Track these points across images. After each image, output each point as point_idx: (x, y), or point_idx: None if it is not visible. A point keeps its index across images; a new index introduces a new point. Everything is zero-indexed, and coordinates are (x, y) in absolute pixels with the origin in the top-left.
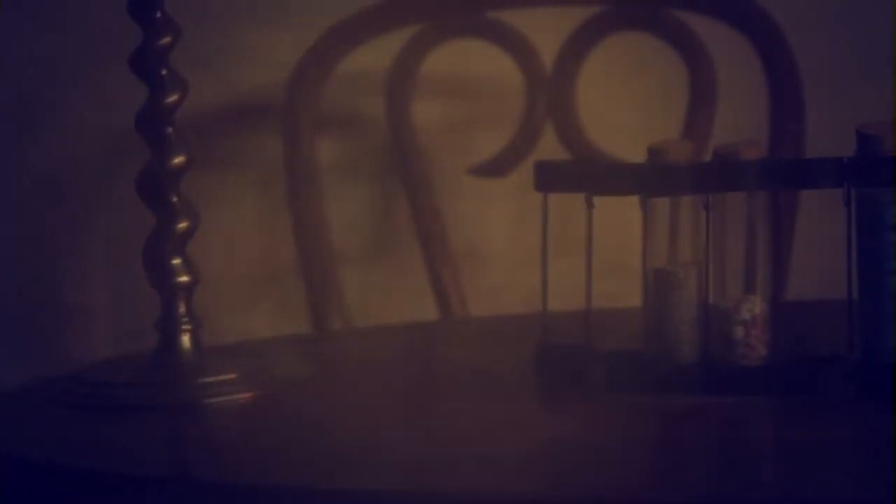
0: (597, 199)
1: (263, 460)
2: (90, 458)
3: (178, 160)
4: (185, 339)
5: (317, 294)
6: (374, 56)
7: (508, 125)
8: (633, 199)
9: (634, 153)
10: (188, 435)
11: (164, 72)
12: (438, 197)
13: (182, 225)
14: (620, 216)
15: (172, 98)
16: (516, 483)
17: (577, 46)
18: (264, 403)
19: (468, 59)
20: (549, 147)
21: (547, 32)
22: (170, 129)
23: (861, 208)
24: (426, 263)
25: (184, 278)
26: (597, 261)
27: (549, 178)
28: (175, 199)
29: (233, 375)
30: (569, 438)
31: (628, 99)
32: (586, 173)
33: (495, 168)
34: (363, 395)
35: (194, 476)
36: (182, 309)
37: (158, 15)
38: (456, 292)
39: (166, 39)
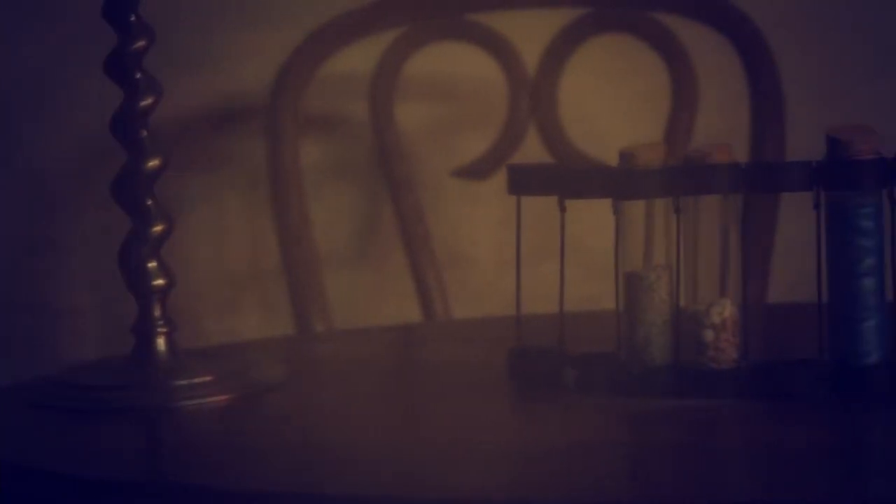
0: (586, 203)
1: (238, 464)
2: (64, 462)
3: (153, 163)
4: (161, 342)
5: (300, 296)
6: (358, 58)
7: (492, 127)
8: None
9: (617, 156)
10: (162, 438)
11: (138, 75)
12: (422, 199)
13: (157, 228)
14: (608, 219)
15: (147, 101)
16: (488, 486)
17: (560, 49)
18: (240, 406)
19: (451, 61)
20: (533, 150)
21: (530, 35)
22: (144, 133)
23: (831, 212)
24: (410, 266)
25: (159, 281)
26: (584, 264)
27: (522, 182)
28: (150, 202)
29: (209, 378)
30: (540, 441)
31: (611, 101)
32: (558, 177)
33: (478, 170)
34: (340, 397)
35: (168, 480)
36: (158, 312)
37: (133, 18)
38: (439, 294)
39: (141, 43)
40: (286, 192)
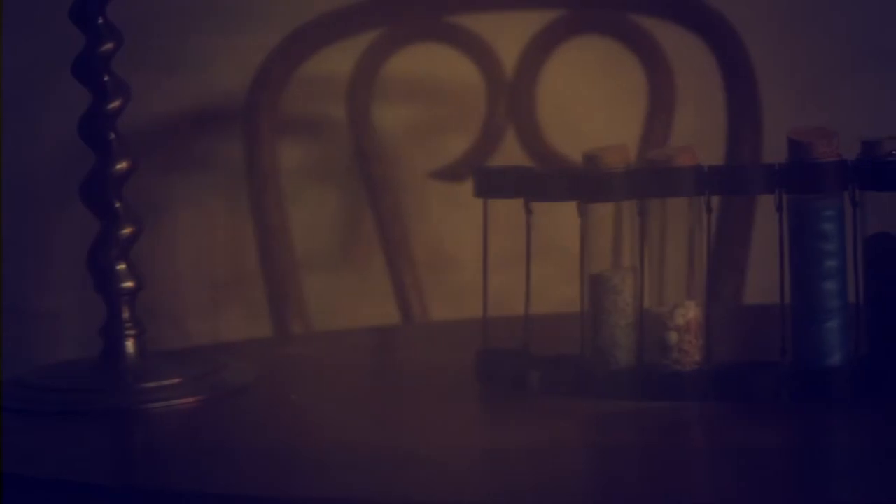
0: (565, 204)
1: (205, 466)
2: (28, 464)
3: (121, 166)
4: (130, 345)
5: (278, 298)
6: (336, 60)
7: (471, 129)
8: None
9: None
10: (128, 441)
11: (105, 77)
12: (402, 201)
13: (126, 230)
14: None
15: (115, 104)
16: (452, 489)
17: (538, 50)
18: (208, 408)
19: (430, 63)
20: (511, 151)
21: (507, 36)
22: (112, 135)
23: (793, 214)
24: (388, 267)
25: (128, 284)
26: (564, 265)
27: (487, 185)
28: (118, 204)
29: (177, 380)
30: (504, 443)
31: (589, 102)
32: (522, 179)
33: (457, 172)
34: (308, 400)
35: (134, 482)
36: (126, 314)
37: (100, 21)
38: (417, 296)
39: (108, 45)
40: (264, 193)
